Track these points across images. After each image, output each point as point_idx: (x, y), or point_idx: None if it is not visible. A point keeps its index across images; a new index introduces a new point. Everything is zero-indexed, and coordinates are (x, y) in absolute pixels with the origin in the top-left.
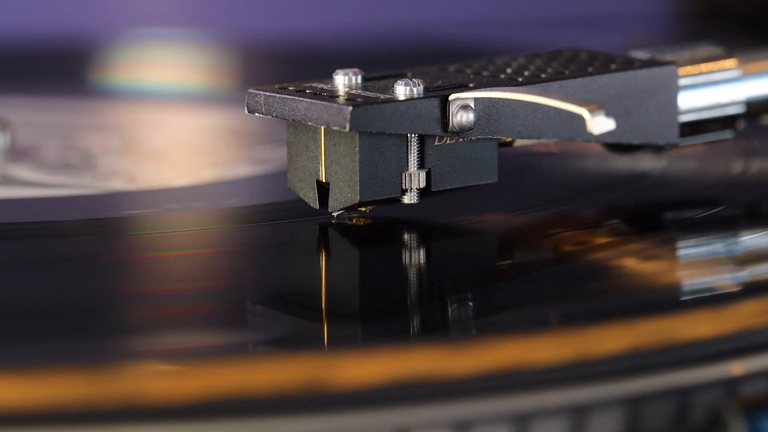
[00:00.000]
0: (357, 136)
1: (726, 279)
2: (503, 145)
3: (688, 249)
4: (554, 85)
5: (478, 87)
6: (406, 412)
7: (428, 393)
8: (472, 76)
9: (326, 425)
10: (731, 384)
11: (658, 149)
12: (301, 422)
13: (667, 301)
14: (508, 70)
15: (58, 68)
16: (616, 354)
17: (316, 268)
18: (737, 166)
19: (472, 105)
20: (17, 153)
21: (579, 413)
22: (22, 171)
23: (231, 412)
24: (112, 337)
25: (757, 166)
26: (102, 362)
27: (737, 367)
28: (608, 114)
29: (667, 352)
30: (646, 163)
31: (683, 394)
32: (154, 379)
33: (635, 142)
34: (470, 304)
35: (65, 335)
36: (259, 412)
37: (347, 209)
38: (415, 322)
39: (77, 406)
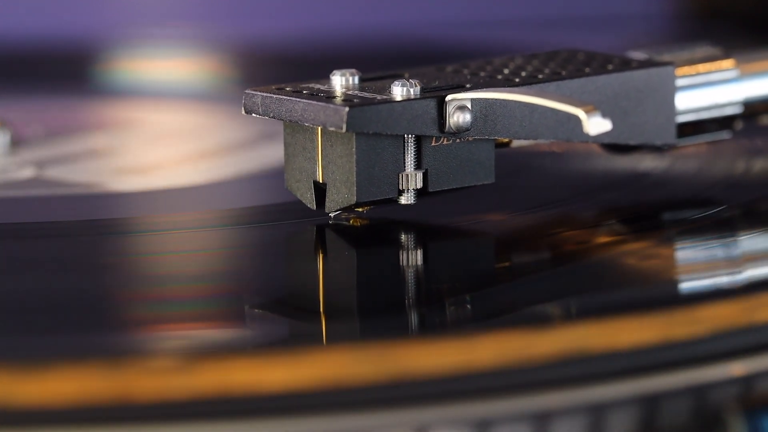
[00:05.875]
0: (354, 136)
1: (727, 278)
2: (500, 145)
3: (689, 248)
4: (551, 85)
5: (474, 88)
6: (406, 411)
7: (427, 392)
8: (469, 77)
9: (325, 425)
10: (731, 384)
11: (655, 149)
12: (300, 422)
13: (667, 301)
14: (505, 71)
15: (58, 68)
16: (616, 354)
17: (313, 268)
18: (739, 166)
19: (469, 106)
20: (17, 152)
21: (578, 414)
22: (21, 171)
23: (228, 412)
24: (111, 338)
25: (759, 165)
26: (102, 362)
27: (737, 367)
28: (605, 115)
29: (667, 353)
30: (647, 163)
31: (683, 395)
32: (154, 379)
33: (632, 142)
34: (468, 303)
35: (65, 335)
36: (257, 412)
37: (344, 210)
38: (413, 322)
39: (76, 405)
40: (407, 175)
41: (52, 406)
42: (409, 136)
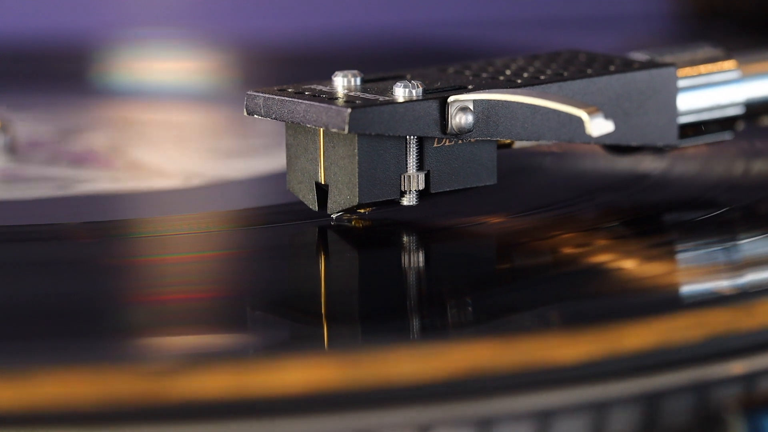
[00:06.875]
0: (356, 138)
1: (727, 279)
2: (502, 146)
3: (689, 251)
4: (553, 86)
5: (477, 89)
6: (406, 412)
7: (428, 393)
8: (471, 78)
9: (326, 426)
10: (731, 384)
11: (657, 150)
12: (300, 423)
13: (667, 302)
14: (507, 72)
15: (58, 68)
16: (617, 355)
17: (315, 270)
18: (739, 168)
19: (471, 107)
20: (17, 153)
21: (579, 413)
22: (21, 171)
23: (228, 414)
24: (111, 339)
25: (758, 167)
26: (102, 363)
27: (737, 367)
28: (607, 116)
29: (667, 353)
30: (647, 164)
31: (683, 394)
32: (155, 381)
33: (634, 143)
34: (469, 306)
35: (66, 336)
36: (256, 413)
37: (346, 211)
38: (415, 324)
39: (78, 406)
40: (409, 177)
41: (50, 408)
42: (411, 137)
